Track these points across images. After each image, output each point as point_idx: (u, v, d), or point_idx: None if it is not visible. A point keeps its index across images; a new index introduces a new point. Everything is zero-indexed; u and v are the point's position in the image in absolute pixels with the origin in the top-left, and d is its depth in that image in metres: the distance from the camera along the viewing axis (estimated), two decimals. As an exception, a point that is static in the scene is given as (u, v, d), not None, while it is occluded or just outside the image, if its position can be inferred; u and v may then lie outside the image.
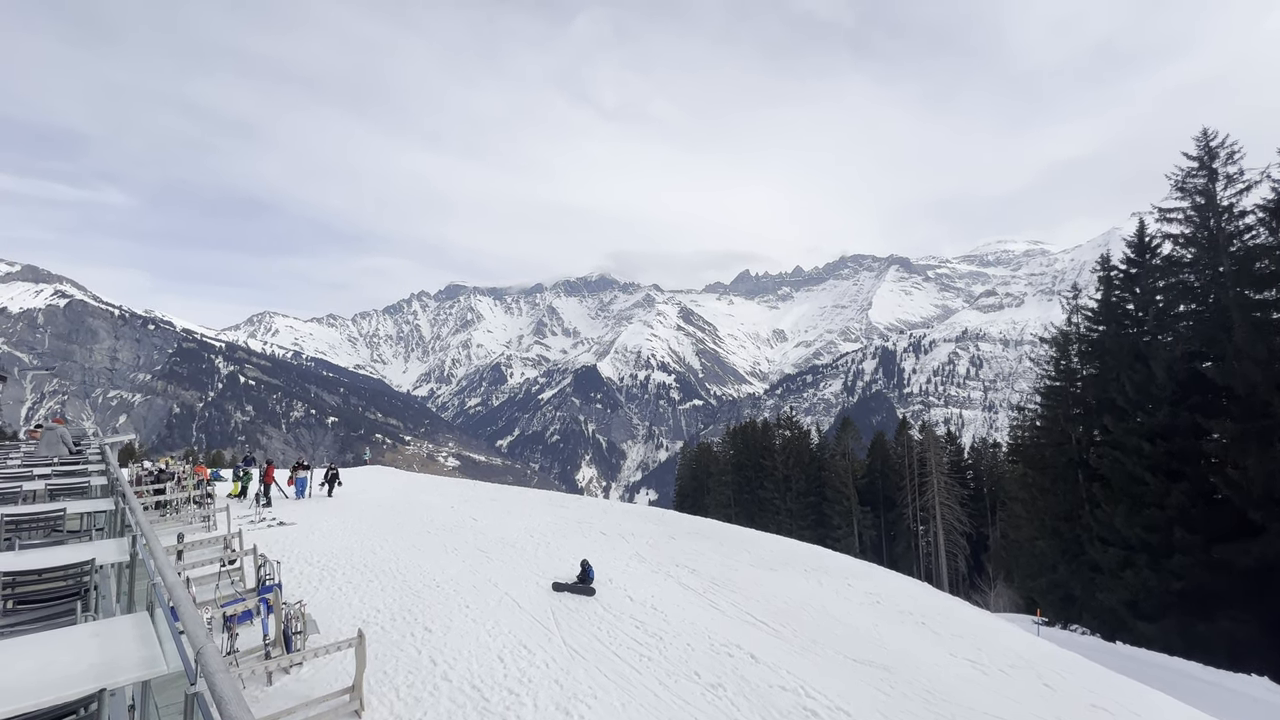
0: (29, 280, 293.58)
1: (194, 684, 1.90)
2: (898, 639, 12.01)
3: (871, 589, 15.38)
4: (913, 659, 11.00)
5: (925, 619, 13.52)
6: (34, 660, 2.82)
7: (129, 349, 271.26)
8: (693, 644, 10.66)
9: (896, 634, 12.32)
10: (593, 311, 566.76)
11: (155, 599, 3.46)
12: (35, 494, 8.43)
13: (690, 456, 76.19)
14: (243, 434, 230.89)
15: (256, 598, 9.00)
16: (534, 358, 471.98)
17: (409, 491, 28.01)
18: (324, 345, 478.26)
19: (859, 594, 14.85)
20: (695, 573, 15.36)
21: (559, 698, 8.55)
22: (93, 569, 4.52)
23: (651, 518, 23.82)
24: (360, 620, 10.98)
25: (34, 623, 3.77)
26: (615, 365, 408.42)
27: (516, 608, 12.24)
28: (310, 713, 7.64)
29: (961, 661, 11.27)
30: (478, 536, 18.39)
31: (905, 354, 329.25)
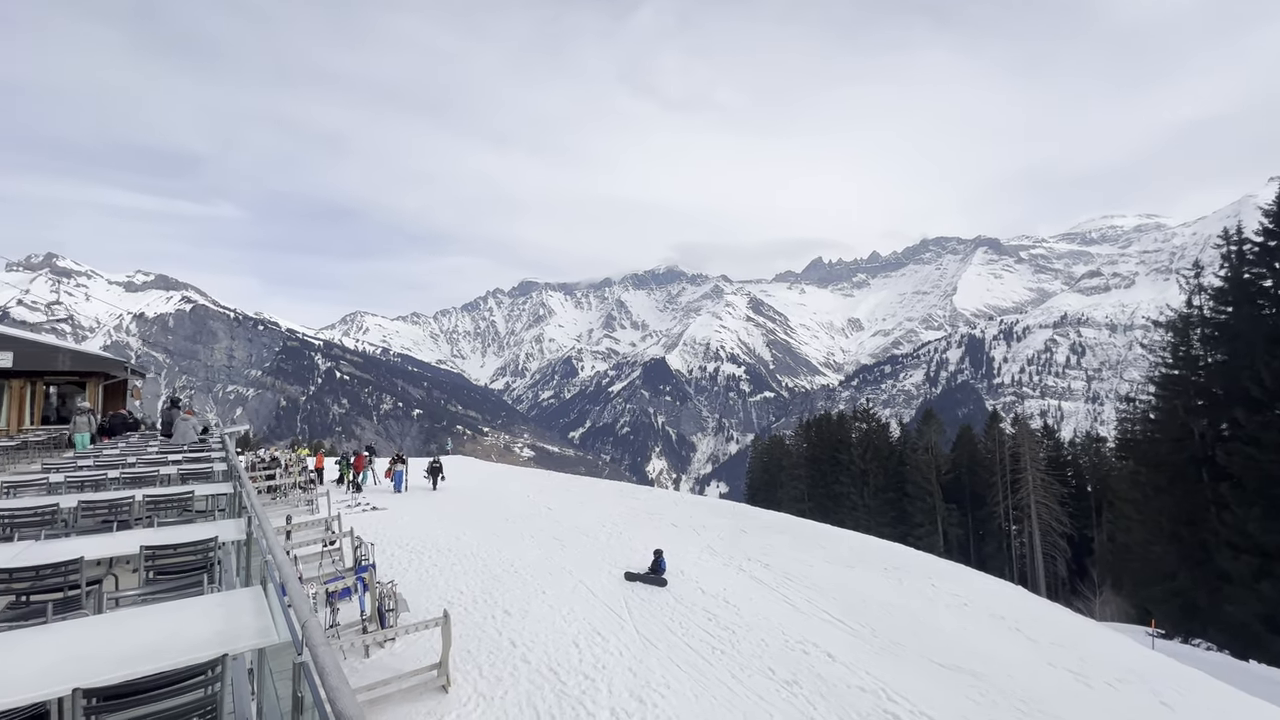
0: (161, 288, 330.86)
1: (300, 654, 2.06)
2: (989, 644, 11.30)
3: (958, 590, 14.54)
4: (1006, 666, 10.32)
5: (1020, 625, 12.64)
6: (172, 625, 3.18)
7: (243, 348, 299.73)
8: (766, 639, 10.51)
9: (987, 639, 11.60)
10: (660, 304, 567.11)
11: (268, 575, 3.81)
12: (170, 477, 9.50)
13: (761, 449, 74.91)
14: (339, 425, 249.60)
15: (354, 576, 9.72)
16: (604, 351, 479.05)
17: (488, 481, 29.29)
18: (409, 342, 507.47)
19: (944, 595, 14.08)
20: (768, 567, 15.12)
21: (632, 685, 8.68)
22: (216, 545, 5.05)
23: (723, 510, 23.65)
24: (445, 601, 11.62)
25: (170, 591, 4.25)
26: (684, 357, 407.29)
27: (590, 595, 12.53)
28: (402, 685, 8.18)
29: (1062, 672, 10.45)
30: (553, 525, 18.97)
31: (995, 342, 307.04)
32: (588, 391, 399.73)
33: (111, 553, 4.90)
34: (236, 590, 3.96)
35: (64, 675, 2.56)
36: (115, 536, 5.43)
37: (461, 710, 7.88)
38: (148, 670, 2.61)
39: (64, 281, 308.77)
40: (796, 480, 61.05)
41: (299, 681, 2.07)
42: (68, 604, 4.16)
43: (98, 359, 25.69)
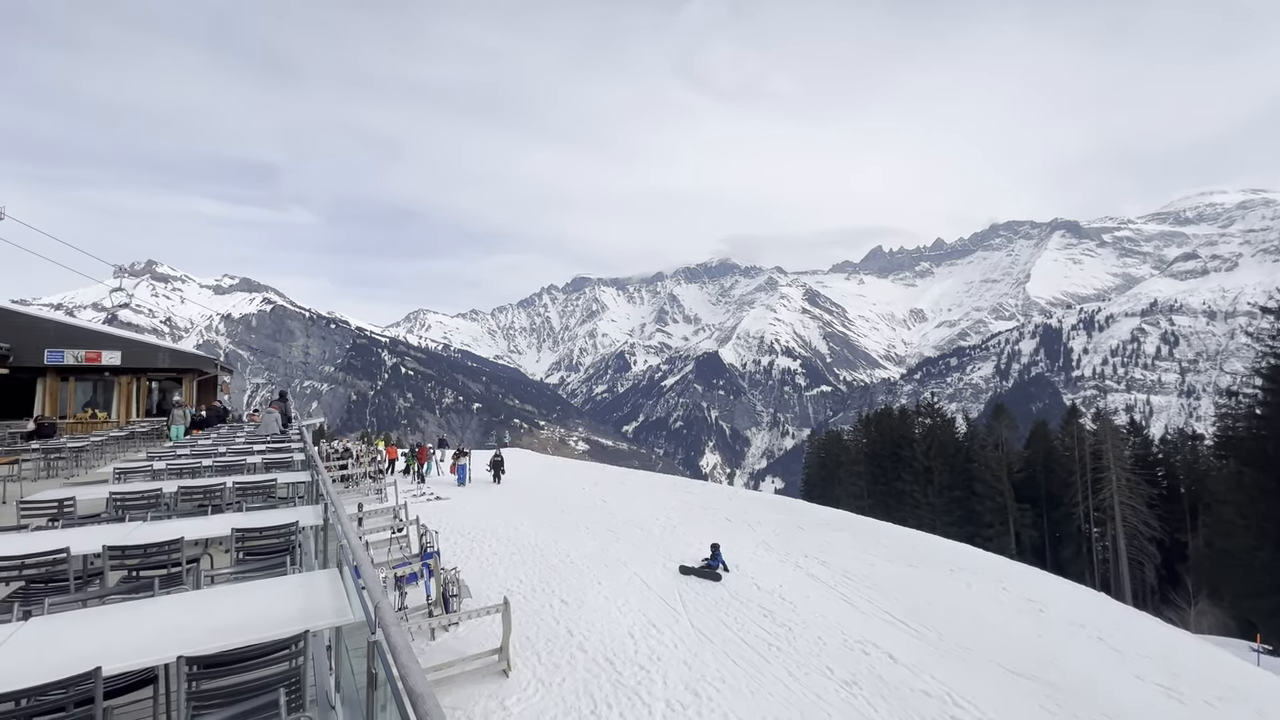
0: (245, 290, 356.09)
1: (374, 634, 2.19)
2: (1067, 653, 10.66)
3: (1033, 595, 13.76)
4: (1086, 678, 9.71)
5: (1103, 634, 11.84)
6: (260, 601, 3.45)
7: (317, 345, 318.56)
8: (824, 638, 10.30)
9: (1065, 647, 10.94)
10: (713, 297, 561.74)
11: (343, 558, 4.05)
12: (255, 466, 10.24)
13: (818, 445, 73.17)
14: (405, 418, 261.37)
15: (420, 562, 10.19)
16: (656, 345, 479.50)
17: (544, 473, 29.96)
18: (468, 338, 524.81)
19: (1017, 599, 13.37)
20: (826, 565, 14.79)
21: (687, 678, 8.71)
22: (297, 530, 5.41)
23: (778, 506, 23.28)
24: (505, 589, 12.00)
25: (257, 571, 4.60)
26: (737, 351, 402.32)
27: (645, 588, 12.63)
28: (466, 668, 8.52)
29: (1151, 687, 9.74)
30: (608, 517, 19.22)
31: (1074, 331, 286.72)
32: (640, 385, 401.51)
33: (207, 534, 5.34)
34: (315, 572, 4.24)
35: (169, 643, 2.83)
36: (210, 519, 5.91)
37: (522, 694, 8.13)
38: (240, 642, 2.84)
39: (162, 286, 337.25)
40: (855, 477, 59.30)
41: (373, 659, 2.20)
42: (171, 579, 4.58)
43: (192, 357, 27.93)
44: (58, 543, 4.65)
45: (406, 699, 1.57)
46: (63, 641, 2.89)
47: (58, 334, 23.50)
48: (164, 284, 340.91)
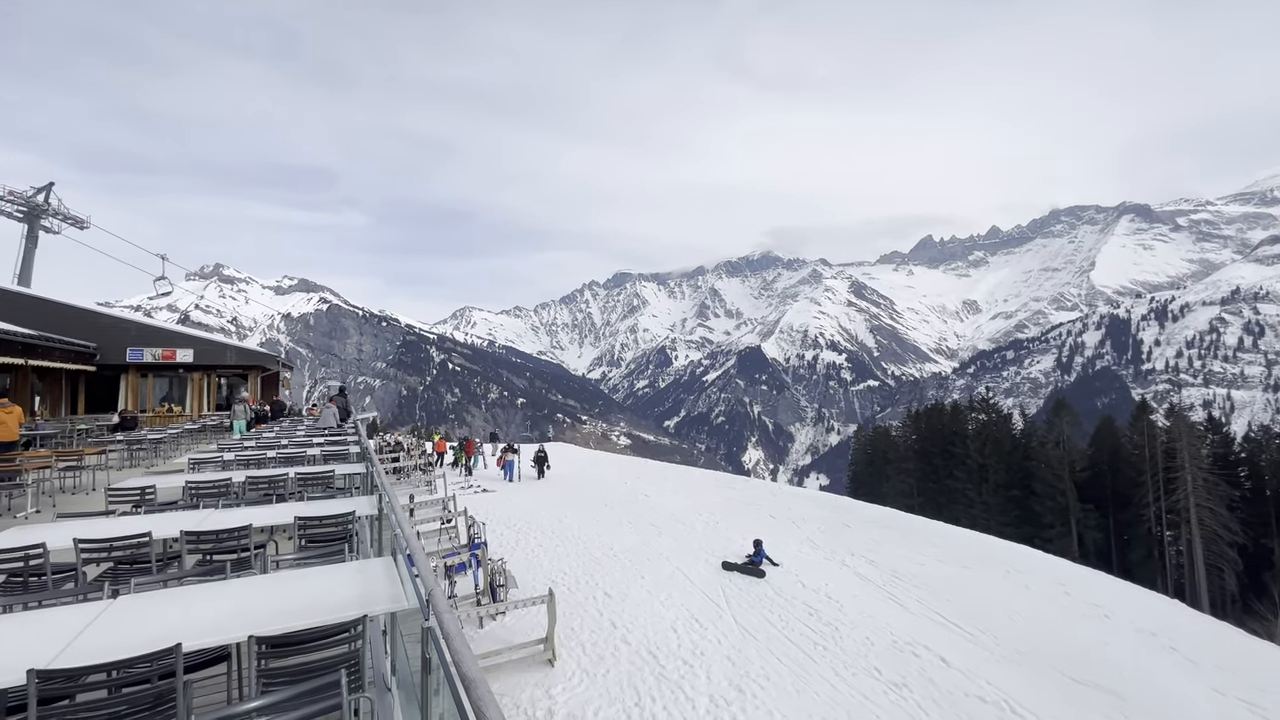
0: (303, 291, 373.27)
1: (427, 620, 2.27)
2: (1136, 662, 10.09)
3: (1098, 600, 13.07)
4: (1158, 689, 9.17)
5: (1176, 643, 11.15)
6: (321, 586, 3.63)
7: (370, 343, 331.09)
8: (872, 638, 10.07)
9: (1134, 656, 10.36)
10: (755, 291, 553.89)
11: (397, 547, 4.22)
12: (314, 458, 10.74)
13: (865, 441, 71.30)
14: (452, 413, 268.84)
15: (469, 553, 10.48)
16: (697, 340, 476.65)
17: (587, 467, 30.30)
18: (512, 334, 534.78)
19: (1080, 604, 12.72)
20: (874, 564, 14.44)
21: (731, 674, 8.68)
22: (354, 519, 5.66)
23: (823, 503, 22.85)
24: (550, 580, 12.22)
25: (318, 557, 4.84)
26: (780, 345, 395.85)
27: (688, 582, 12.64)
28: (513, 656, 8.74)
29: (1232, 702, 9.12)
30: (650, 512, 19.30)
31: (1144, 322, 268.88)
32: (682, 381, 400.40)
33: (272, 522, 5.65)
34: (371, 559, 4.42)
35: (241, 624, 3.01)
36: (274, 508, 6.24)
37: (567, 684, 8.28)
38: (303, 625, 3.00)
39: (228, 288, 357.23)
40: (904, 474, 57.55)
41: (426, 644, 2.28)
42: (240, 564, 4.87)
43: (256, 354, 29.51)
44: (141, 527, 5.01)
45: (459, 684, 1.62)
46: (147, 619, 3.12)
47: (138, 334, 25.25)
48: (230, 286, 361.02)
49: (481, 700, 1.38)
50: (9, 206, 29.49)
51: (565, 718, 7.50)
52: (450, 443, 32.10)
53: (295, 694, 2.58)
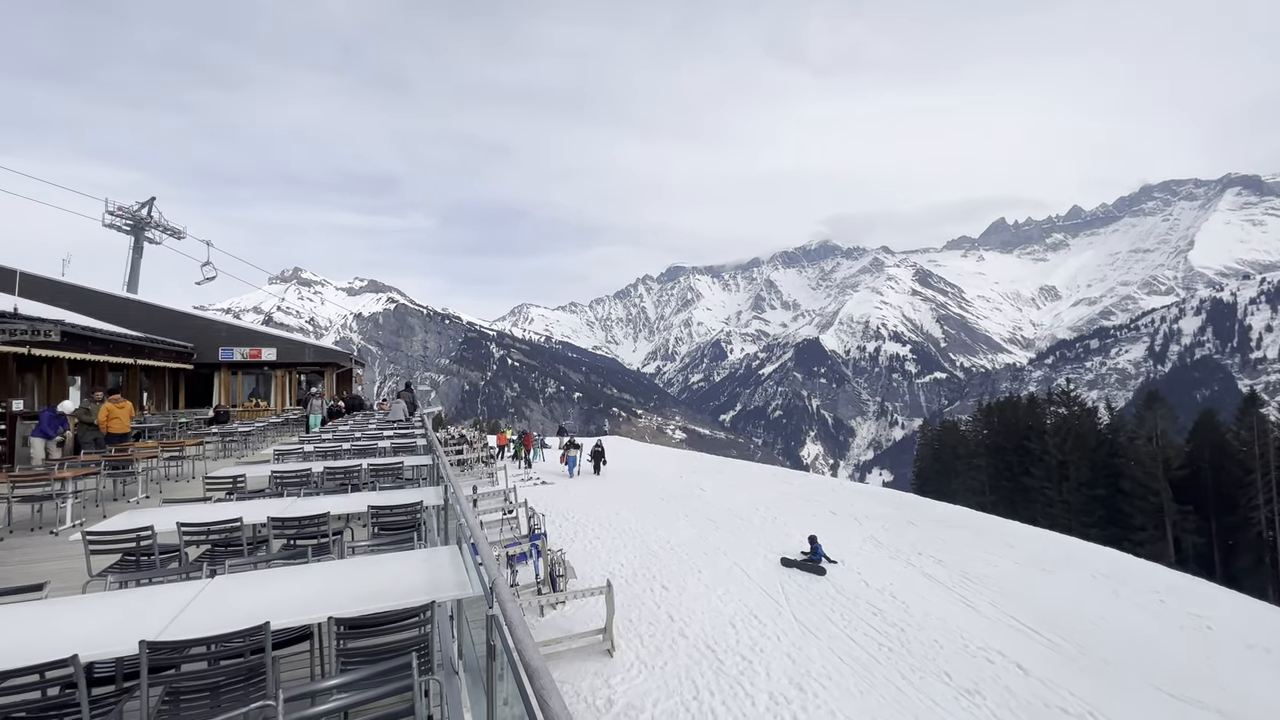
0: (372, 291, 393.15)
1: (491, 608, 2.34)
2: (1245, 679, 9.21)
3: (1199, 610, 12.01)
4: (1270, 709, 8.35)
5: (1293, 660, 10.10)
6: (393, 572, 3.81)
7: (434, 340, 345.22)
8: (941, 641, 9.66)
9: (1240, 673, 9.46)
10: (813, 282, 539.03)
11: (462, 536, 4.37)
12: (385, 450, 11.30)
13: (931, 435, 68.30)
14: (512, 407, 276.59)
15: (529, 543, 10.76)
16: (753, 333, 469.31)
17: (643, 461, 30.48)
18: (568, 330, 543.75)
19: (1177, 614, 11.73)
20: (942, 564, 13.82)
21: (792, 672, 8.53)
22: (422, 508, 5.91)
23: (887, 500, 22.06)
24: (607, 572, 12.38)
25: (390, 544, 5.09)
26: (840, 337, 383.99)
27: (746, 578, 12.51)
28: (573, 645, 8.91)
29: (1362, 727, 8.19)
30: (706, 506, 19.21)
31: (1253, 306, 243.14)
32: (737, 374, 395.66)
33: (348, 510, 5.98)
34: (438, 548, 4.61)
35: (322, 605, 3.20)
36: (350, 497, 6.61)
37: (626, 674, 8.38)
38: (377, 608, 3.16)
39: (306, 290, 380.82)
40: (975, 470, 54.71)
41: (491, 631, 2.34)
42: (320, 549, 5.19)
43: (331, 352, 31.33)
44: (234, 513, 5.42)
45: (523, 671, 1.66)
46: (239, 598, 3.37)
47: (228, 335, 27.33)
48: (307, 288, 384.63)
49: (545, 689, 1.40)
50: (118, 221, 32.49)
51: (625, 708, 7.60)
52: (510, 436, 33.01)
53: (371, 674, 2.72)
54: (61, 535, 7.42)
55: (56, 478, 8.01)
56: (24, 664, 2.49)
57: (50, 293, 21.95)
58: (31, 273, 21.71)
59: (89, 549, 4.91)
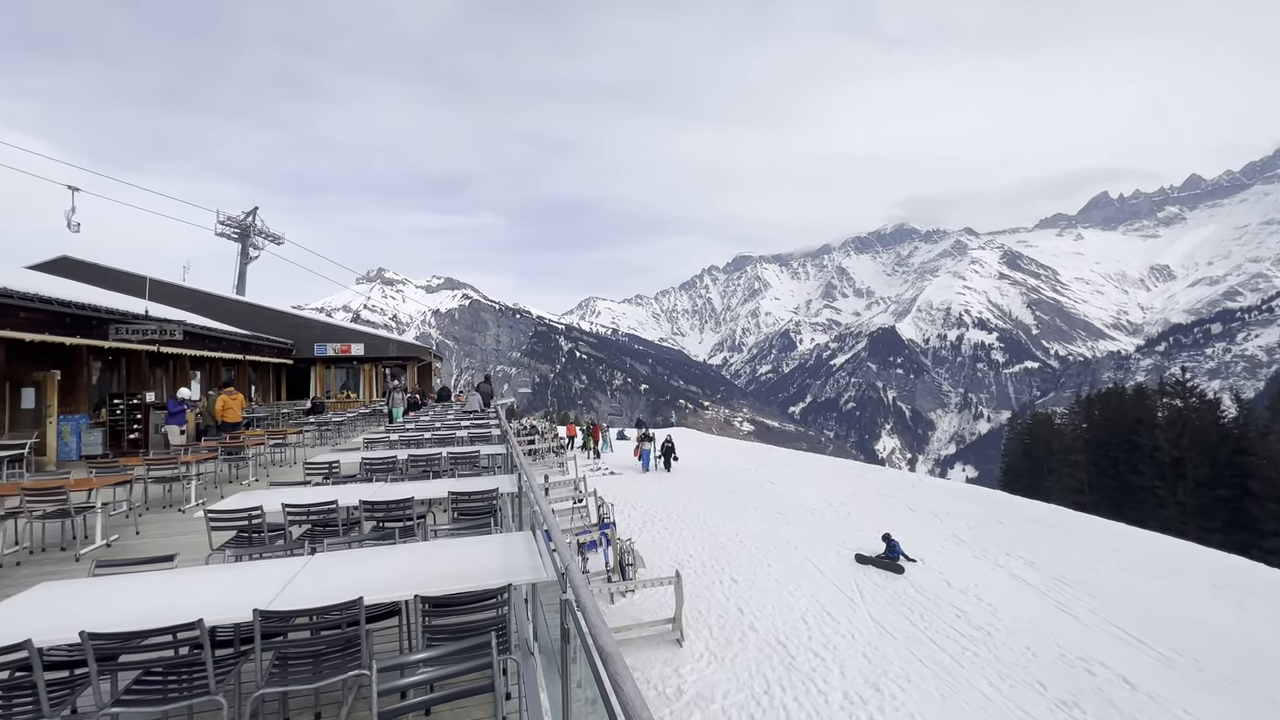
0: (449, 289, 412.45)
1: (565, 593, 2.40)
2: (1407, 710, 8.04)
3: (1347, 628, 10.57)
4: None
5: None
6: (472, 555, 3.99)
7: (506, 334, 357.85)
8: (1033, 648, 9.04)
9: (1404, 702, 8.26)
10: (888, 268, 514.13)
11: (535, 523, 4.52)
12: (463, 439, 11.84)
13: (1022, 429, 63.69)
14: (580, 399, 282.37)
15: (599, 531, 10.97)
16: (824, 322, 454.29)
17: (710, 453, 30.31)
18: (634, 322, 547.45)
19: (1321, 632, 10.38)
20: (1034, 566, 12.91)
21: (867, 672, 8.26)
22: (497, 495, 6.15)
23: (971, 496, 20.83)
24: (676, 562, 12.44)
25: (468, 529, 5.34)
26: (918, 325, 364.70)
27: (818, 573, 12.20)
28: (643, 633, 9.03)
29: None
30: (775, 500, 18.87)
31: None
32: (807, 365, 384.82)
33: (430, 495, 6.31)
34: (513, 533, 4.79)
35: (408, 584, 3.41)
36: (431, 483, 6.98)
37: (695, 665, 8.40)
38: (458, 589, 3.32)
39: (389, 289, 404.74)
40: (1072, 467, 50.55)
41: (565, 615, 2.41)
42: (406, 531, 5.52)
43: (412, 347, 33.13)
44: (330, 496, 5.86)
45: (597, 656, 1.69)
46: (336, 574, 3.65)
47: (323, 331, 29.48)
48: (390, 287, 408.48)
49: (618, 674, 1.42)
50: (227, 229, 35.74)
51: (695, 697, 7.63)
52: (579, 427, 33.72)
53: (454, 650, 2.87)
54: (187, 512, 8.30)
55: (183, 461, 8.96)
56: (160, 625, 2.81)
57: (174, 296, 24.51)
58: (158, 278, 24.29)
59: (210, 525, 5.47)
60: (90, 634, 2.70)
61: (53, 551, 6.62)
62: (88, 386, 14.88)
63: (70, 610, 3.11)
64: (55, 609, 3.16)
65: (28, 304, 11.99)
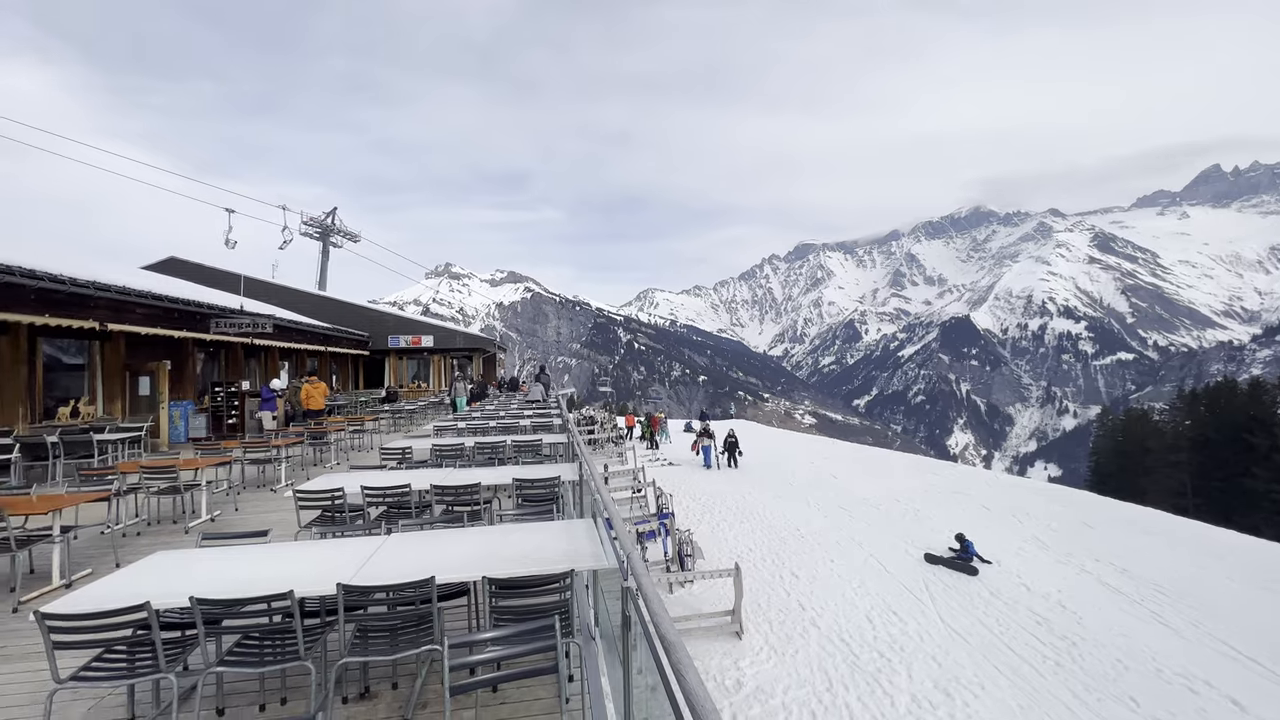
0: (511, 282, 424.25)
1: (626, 580, 2.42)
2: None
3: None
4: None
5: None
6: (536, 540, 4.11)
7: (566, 326, 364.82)
8: (1125, 661, 8.40)
9: None
10: (962, 253, 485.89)
11: (596, 511, 4.59)
12: (526, 428, 12.18)
13: (1114, 426, 58.93)
14: (639, 390, 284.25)
15: (658, 521, 11.04)
16: (891, 312, 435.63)
17: (770, 445, 29.81)
18: (692, 313, 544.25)
19: None
20: (1127, 573, 11.97)
21: (937, 675, 7.93)
22: (559, 483, 6.29)
23: (1055, 497, 19.51)
24: (735, 555, 12.34)
25: (532, 515, 5.50)
26: (995, 314, 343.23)
27: (883, 571, 11.80)
28: (702, 624, 9.03)
29: None
30: (838, 494, 18.36)
31: None
32: (873, 356, 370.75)
33: (495, 481, 6.54)
34: (575, 520, 4.89)
35: (477, 566, 3.55)
36: (497, 470, 7.23)
37: (755, 658, 8.33)
38: (523, 572, 3.43)
39: (455, 283, 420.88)
40: (1173, 468, 46.35)
41: (626, 603, 2.44)
42: (474, 515, 5.74)
43: (478, 339, 34.33)
44: (404, 480, 6.18)
45: (659, 644, 1.70)
46: (410, 554, 3.85)
47: (395, 324, 31.05)
48: (457, 281, 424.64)
49: (681, 663, 1.43)
50: (310, 229, 38.16)
51: (754, 690, 7.57)
52: (638, 418, 33.96)
53: (520, 630, 2.97)
54: (278, 492, 8.99)
55: (274, 444, 9.70)
56: (257, 594, 3.06)
57: (264, 292, 26.50)
58: (252, 276, 26.28)
59: (298, 504, 5.90)
60: (199, 599, 2.98)
61: (165, 524, 7.34)
62: (193, 375, 16.35)
63: (181, 577, 3.44)
64: (169, 575, 3.50)
65: (143, 301, 13.28)
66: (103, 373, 13.51)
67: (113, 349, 13.56)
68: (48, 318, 10.67)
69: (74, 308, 11.43)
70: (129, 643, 3.06)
